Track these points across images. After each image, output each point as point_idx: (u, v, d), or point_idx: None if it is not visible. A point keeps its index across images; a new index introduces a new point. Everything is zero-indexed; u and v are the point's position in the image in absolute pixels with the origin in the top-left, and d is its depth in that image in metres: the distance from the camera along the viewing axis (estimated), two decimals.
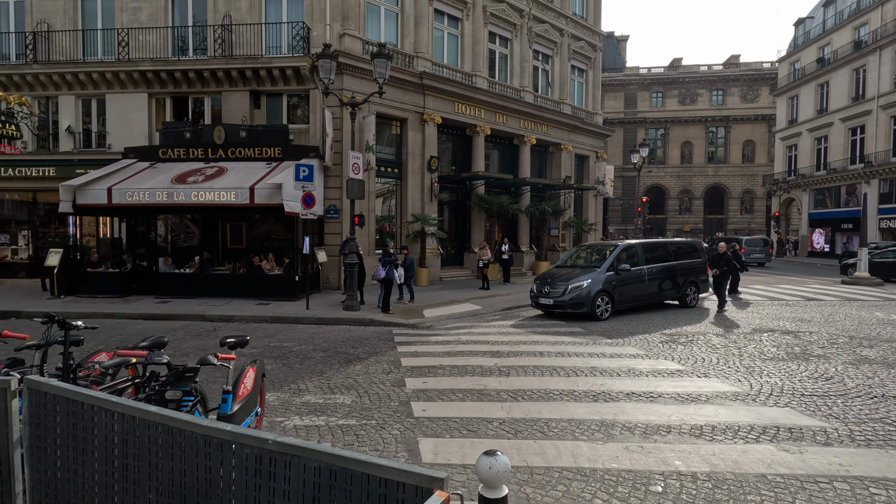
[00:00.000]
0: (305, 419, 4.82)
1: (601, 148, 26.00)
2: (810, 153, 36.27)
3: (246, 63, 14.89)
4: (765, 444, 4.14)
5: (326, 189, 15.19)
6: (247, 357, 6.20)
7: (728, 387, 5.75)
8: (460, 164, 19.73)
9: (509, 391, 5.69)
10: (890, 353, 7.35)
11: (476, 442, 4.22)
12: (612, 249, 11.64)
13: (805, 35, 38.33)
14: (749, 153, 49.42)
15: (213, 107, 16.03)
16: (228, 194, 13.01)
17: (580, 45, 23.80)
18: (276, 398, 5.51)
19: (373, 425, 4.65)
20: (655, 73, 50.81)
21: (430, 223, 16.67)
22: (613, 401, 5.32)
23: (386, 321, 10.64)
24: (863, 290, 15.71)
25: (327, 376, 6.45)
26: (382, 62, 11.51)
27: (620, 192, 48.85)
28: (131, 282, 14.02)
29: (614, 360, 7.10)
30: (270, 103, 15.86)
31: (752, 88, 49.27)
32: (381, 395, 5.63)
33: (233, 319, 11.03)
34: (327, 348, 8.15)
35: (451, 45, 18.84)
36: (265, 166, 14.27)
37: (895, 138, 29.18)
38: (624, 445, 4.12)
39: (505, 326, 10.04)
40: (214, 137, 14.73)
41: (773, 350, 7.57)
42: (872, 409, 4.95)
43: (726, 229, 48.24)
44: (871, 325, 9.55)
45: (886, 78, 29.69)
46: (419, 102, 17.13)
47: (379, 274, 11.59)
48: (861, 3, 32.49)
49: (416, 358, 7.40)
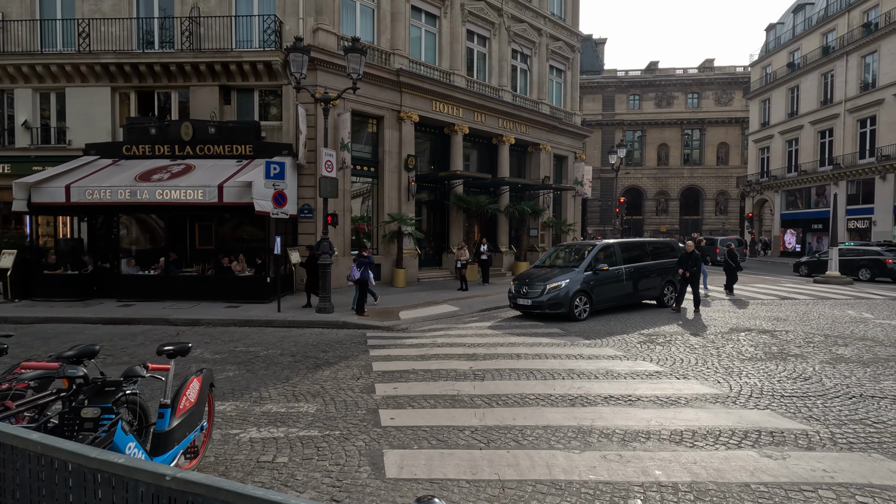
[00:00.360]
0: (263, 431, 4.48)
1: (580, 148, 26.06)
2: (782, 155, 37.13)
3: (215, 57, 14.36)
4: (746, 449, 3.97)
5: (300, 188, 14.74)
6: (217, 360, 5.80)
7: (707, 388, 5.61)
8: (438, 163, 19.47)
9: (484, 396, 5.44)
10: (864, 351, 7.34)
11: (446, 453, 3.94)
12: (590, 249, 11.53)
13: (776, 40, 39.26)
14: (723, 155, 50.44)
15: (180, 102, 15.43)
16: (196, 193, 12.49)
17: (558, 45, 23.80)
18: (235, 408, 5.14)
19: (336, 436, 4.34)
20: (633, 76, 51.47)
21: (408, 223, 16.36)
22: (591, 405, 5.11)
23: (360, 323, 10.30)
24: (834, 288, 15.99)
25: (293, 383, 6.10)
26: (356, 57, 11.17)
27: (599, 193, 49.30)
28: (92, 284, 13.33)
29: (592, 361, 6.92)
30: (241, 99, 15.34)
31: (725, 92, 50.31)
32: (348, 402, 5.31)
33: (199, 323, 10.54)
34: (296, 353, 7.78)
35: (429, 43, 18.57)
36: (235, 164, 13.77)
37: (861, 141, 30.04)
38: (602, 454, 3.90)
39: (482, 328, 9.81)
40: (182, 134, 14.15)
41: (751, 350, 7.50)
42: (852, 410, 4.85)
43: (701, 230, 49.10)
44: (845, 324, 9.62)
45: (853, 82, 30.55)
46: (396, 100, 16.81)
47: (353, 275, 11.23)
48: (828, 10, 33.40)
49: (388, 362, 7.10)
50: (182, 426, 3.12)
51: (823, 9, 34.01)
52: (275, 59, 14.16)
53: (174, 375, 3.32)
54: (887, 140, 27.84)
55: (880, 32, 28.32)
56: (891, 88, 27.67)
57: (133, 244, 14.76)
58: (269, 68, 14.50)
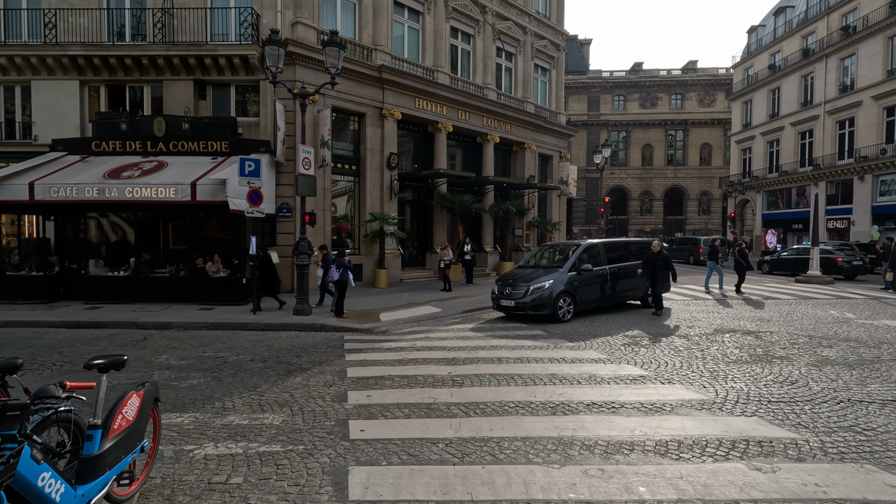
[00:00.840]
0: (221, 446, 4.14)
1: (565, 148, 25.97)
2: (763, 156, 37.58)
3: (189, 50, 13.87)
4: (735, 461, 3.76)
5: (279, 186, 14.33)
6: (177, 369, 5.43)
7: (693, 394, 5.41)
8: (422, 161, 19.16)
9: (461, 404, 5.17)
10: (849, 353, 7.24)
11: (416, 470, 3.66)
12: (574, 249, 11.34)
13: (757, 42, 39.73)
14: (706, 156, 50.98)
15: (153, 97, 14.89)
16: (167, 191, 12.02)
17: (543, 43, 23.66)
18: (194, 420, 4.79)
19: (300, 451, 4.02)
20: (617, 77, 51.73)
21: (390, 222, 16.03)
22: (573, 413, 4.87)
23: (338, 326, 9.96)
24: (816, 288, 16.07)
25: (261, 391, 5.76)
26: (334, 51, 10.81)
27: (584, 193, 49.49)
28: (58, 286, 12.77)
29: (575, 365, 6.69)
30: (217, 94, 14.85)
31: (708, 93, 50.85)
32: (317, 412, 4.99)
33: (169, 326, 10.10)
34: (268, 358, 7.42)
35: (412, 40, 18.26)
36: (210, 161, 13.31)
37: (840, 142, 30.49)
38: (583, 469, 3.65)
39: (464, 330, 9.54)
40: (154, 130, 13.65)
41: (736, 352, 7.35)
42: (840, 417, 4.68)
43: (685, 229, 49.59)
44: (828, 324, 9.56)
45: (832, 84, 31.00)
46: (378, 97, 16.47)
47: (332, 276, 10.88)
48: (808, 13, 33.87)
49: (363, 367, 6.79)
50: (116, 449, 2.78)
51: (804, 12, 34.48)
52: (251, 52, 13.72)
53: (108, 390, 2.98)
54: (865, 141, 28.28)
55: (858, 35, 28.76)
56: (868, 91, 28.11)
57: (103, 244, 14.18)
58: (245, 62, 14.06)
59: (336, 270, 10.83)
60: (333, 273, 10.84)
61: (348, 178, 16.67)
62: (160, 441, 4.14)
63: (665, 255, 11.18)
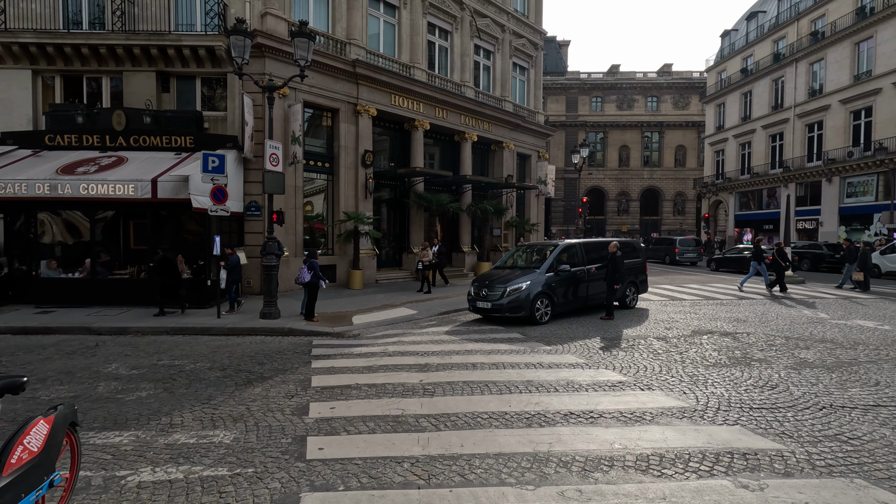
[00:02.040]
0: (160, 471, 3.71)
1: (543, 148, 25.88)
2: (736, 158, 38.29)
3: (151, 40, 13.16)
4: (720, 477, 3.52)
5: (247, 183, 13.74)
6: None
7: (673, 401, 5.19)
8: (398, 159, 18.75)
9: (431, 416, 4.83)
10: (826, 354, 7.16)
11: (376, 496, 3.30)
12: (552, 249, 11.11)
13: (730, 46, 40.47)
14: (681, 157, 51.80)
15: (112, 89, 14.11)
16: (126, 188, 11.34)
17: (522, 42, 23.50)
18: (134, 439, 4.33)
19: (248, 476, 3.62)
20: (595, 78, 52.13)
21: (365, 222, 15.58)
22: (549, 424, 4.58)
23: (308, 330, 9.51)
24: (789, 287, 16.22)
25: (215, 403, 5.32)
26: (304, 42, 10.34)
27: (562, 193, 49.73)
28: (7, 289, 11.95)
29: (552, 371, 6.42)
30: (181, 87, 14.16)
31: (683, 96, 51.68)
32: (273, 428, 4.59)
33: (125, 332, 9.49)
34: (228, 366, 6.95)
35: (388, 35, 17.83)
36: (174, 157, 12.65)
37: (809, 145, 31.22)
38: (559, 490, 3.36)
39: (439, 333, 9.20)
40: (114, 123, 12.90)
41: (715, 355, 7.20)
42: (824, 424, 4.51)
43: (660, 230, 50.28)
44: (803, 325, 9.55)
45: (802, 88, 31.73)
46: (352, 92, 16.00)
47: (303, 277, 10.41)
48: (779, 18, 34.61)
49: (330, 375, 6.39)
50: (14, 486, 2.36)
51: (775, 17, 35.23)
52: (218, 44, 13.10)
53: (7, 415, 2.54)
54: (833, 144, 29.00)
55: (826, 41, 29.47)
56: (836, 95, 28.82)
57: (57, 244, 13.35)
58: (211, 54, 13.43)
59: (307, 272, 10.37)
60: (304, 274, 10.37)
61: (322, 176, 16.16)
62: (89, 467, 3.69)
63: (616, 257, 10.55)
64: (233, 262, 11.34)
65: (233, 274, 11.33)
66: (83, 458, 3.71)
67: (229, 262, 11.30)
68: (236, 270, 11.41)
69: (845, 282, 16.00)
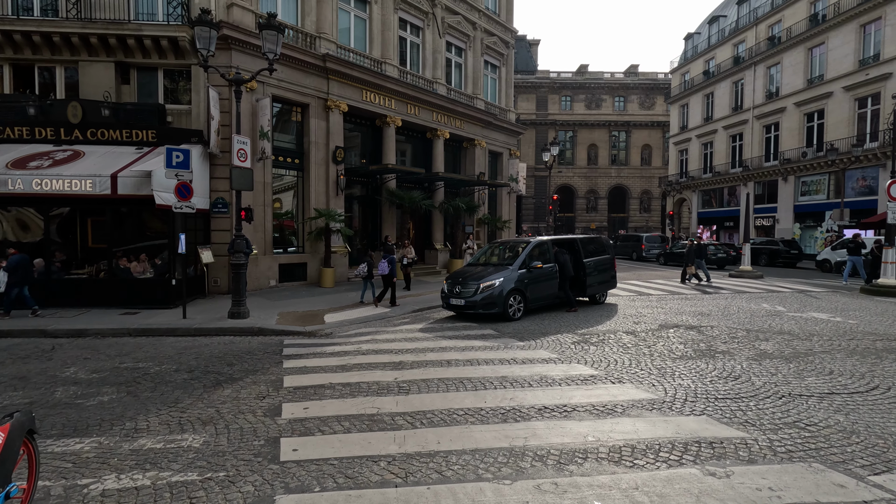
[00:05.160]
0: (125, 478, 3.56)
1: (514, 145, 26.10)
2: (699, 157, 39.60)
3: (109, 29, 12.60)
4: (688, 466, 3.64)
5: (213, 179, 13.34)
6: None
7: (643, 393, 5.33)
8: (370, 156, 18.57)
9: (407, 414, 4.81)
10: (784, 345, 7.50)
11: (353, 496, 3.27)
12: (524, 247, 11.23)
13: (693, 49, 41.76)
14: (647, 156, 53.22)
15: (67, 79, 13.44)
16: (83, 183, 10.86)
17: (493, 40, 23.61)
18: (97, 446, 4.15)
19: (220, 480, 3.52)
20: (564, 78, 52.93)
21: (336, 219, 15.37)
22: (524, 419, 4.63)
23: (279, 329, 9.33)
24: (748, 282, 16.94)
25: (182, 406, 5.15)
26: (272, 35, 10.09)
27: (533, 191, 50.32)
28: None
29: (526, 366, 6.50)
30: (142, 79, 13.61)
31: (649, 96, 53.06)
32: (245, 430, 4.48)
33: (84, 334, 9.08)
34: (195, 367, 6.74)
35: (359, 30, 17.60)
36: (135, 151, 12.18)
37: (767, 145, 32.58)
38: (535, 483, 3.40)
39: (413, 331, 9.18)
40: (69, 115, 12.31)
41: (681, 348, 7.44)
42: (784, 412, 4.72)
43: (627, 227, 51.57)
44: (762, 317, 9.97)
45: (760, 91, 33.05)
46: (323, 87, 15.73)
47: (382, 270, 11.55)
48: (739, 23, 35.93)
49: (302, 375, 6.28)
50: None
51: (735, 21, 36.54)
52: (181, 35, 12.65)
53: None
54: (788, 145, 30.35)
55: (782, 46, 30.78)
56: (791, 98, 30.15)
57: (9, 244, 12.63)
58: (175, 45, 12.95)
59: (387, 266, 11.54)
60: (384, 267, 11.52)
61: (291, 173, 15.84)
62: (48, 476, 3.52)
63: (560, 255, 11.05)
64: (13, 263, 10.03)
65: (13, 275, 10.00)
66: (42, 467, 3.53)
67: (9, 263, 10.01)
68: (19, 271, 10.08)
69: (692, 278, 16.52)
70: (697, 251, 16.67)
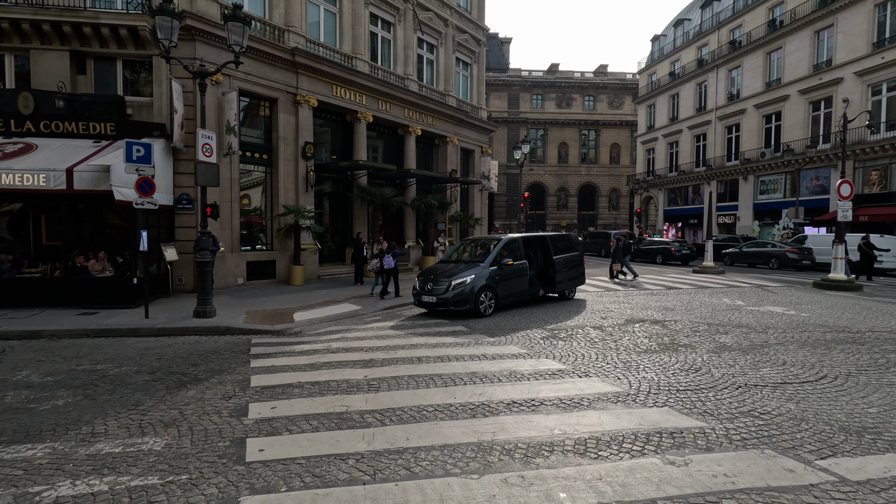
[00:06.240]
0: (81, 484, 3.44)
1: (486, 143, 26.25)
2: (665, 156, 40.72)
3: (63, 16, 12.02)
4: (650, 456, 3.76)
5: (177, 175, 12.93)
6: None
7: (608, 386, 5.47)
8: (341, 152, 18.35)
9: (376, 412, 4.80)
10: (742, 338, 7.82)
11: (320, 495, 3.25)
12: (495, 244, 11.33)
13: (660, 51, 42.86)
14: (615, 155, 54.38)
15: (17, 68, 12.76)
16: (36, 178, 10.36)
17: (465, 37, 23.65)
18: (51, 451, 3.98)
19: (182, 483, 3.44)
20: (536, 77, 53.49)
21: (306, 216, 15.13)
22: (493, 414, 4.69)
23: (246, 328, 9.13)
24: (710, 278, 17.56)
25: (143, 409, 4.99)
26: (238, 27, 9.83)
27: (505, 188, 50.75)
28: None
29: (496, 361, 6.57)
30: (100, 69, 13.05)
31: (617, 96, 54.18)
32: (209, 431, 4.38)
33: (38, 335, 8.67)
34: (157, 368, 6.54)
35: (329, 24, 17.34)
36: (92, 144, 11.69)
37: (729, 145, 33.78)
38: (503, 477, 3.45)
39: (384, 328, 9.14)
40: (20, 106, 11.72)
41: (646, 342, 7.66)
42: (740, 402, 4.93)
43: (597, 224, 52.62)
44: (723, 312, 10.36)
45: (722, 93, 34.22)
46: (291, 82, 15.44)
47: (388, 263, 12.05)
48: (702, 26, 37.08)
49: (270, 375, 6.18)
50: None
51: (698, 25, 37.68)
52: (141, 24, 12.19)
53: None
54: (748, 145, 31.55)
55: (743, 50, 31.94)
56: (751, 100, 31.34)
57: None
58: (134, 35, 12.47)
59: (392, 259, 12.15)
60: (389, 261, 12.11)
61: (260, 168, 15.50)
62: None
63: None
64: None
65: None
66: None
67: None
68: None
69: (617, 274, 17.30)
70: (624, 249, 17.61)
